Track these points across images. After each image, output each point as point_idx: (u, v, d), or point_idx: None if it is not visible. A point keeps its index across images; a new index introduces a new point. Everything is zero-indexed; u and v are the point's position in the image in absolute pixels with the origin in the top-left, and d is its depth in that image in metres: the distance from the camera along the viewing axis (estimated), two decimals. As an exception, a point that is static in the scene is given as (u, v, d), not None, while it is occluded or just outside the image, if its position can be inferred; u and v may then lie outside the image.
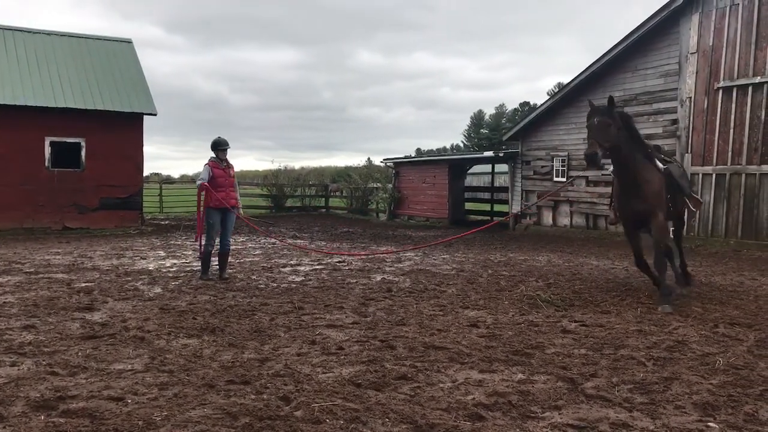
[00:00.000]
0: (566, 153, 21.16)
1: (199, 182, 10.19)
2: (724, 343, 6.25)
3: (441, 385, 4.87)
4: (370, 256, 7.84)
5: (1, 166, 18.97)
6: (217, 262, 10.34)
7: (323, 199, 33.85)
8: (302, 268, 11.56)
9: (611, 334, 6.60)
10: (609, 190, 19.46)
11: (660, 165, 8.35)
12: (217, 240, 10.22)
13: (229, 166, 10.23)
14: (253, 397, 4.51)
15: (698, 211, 10.50)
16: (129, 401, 4.38)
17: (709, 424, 4.18)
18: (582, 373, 5.20)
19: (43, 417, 4.08)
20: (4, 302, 7.91)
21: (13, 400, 4.37)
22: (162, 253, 13.90)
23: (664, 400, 4.59)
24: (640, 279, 10.47)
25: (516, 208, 23.26)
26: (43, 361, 5.35)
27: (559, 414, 4.31)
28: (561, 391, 4.75)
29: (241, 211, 10.60)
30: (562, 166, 21.33)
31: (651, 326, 6.96)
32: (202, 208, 10.01)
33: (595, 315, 7.58)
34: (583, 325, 6.98)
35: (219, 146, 10.15)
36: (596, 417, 4.26)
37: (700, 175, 16.96)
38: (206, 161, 10.23)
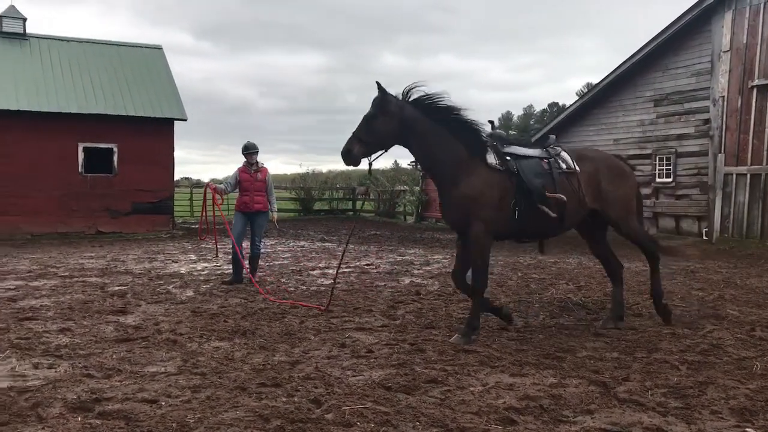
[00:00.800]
0: (596, 154, 20.93)
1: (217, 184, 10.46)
2: (761, 347, 6.14)
3: (471, 388, 4.86)
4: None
5: (36, 172, 19.34)
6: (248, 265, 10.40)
7: (351, 202, 33.93)
8: (331, 272, 11.60)
9: (644, 337, 6.52)
10: (641, 191, 19.26)
11: (493, 161, 6.46)
12: (246, 243, 10.30)
13: (259, 170, 10.29)
14: (284, 399, 4.54)
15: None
16: (163, 403, 4.44)
17: (747, 429, 4.10)
18: (614, 377, 5.14)
19: (80, 418, 4.16)
20: (41, 305, 8.07)
21: (51, 401, 4.46)
22: (193, 257, 14.06)
23: (700, 404, 4.52)
24: (673, 282, 10.32)
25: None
26: (79, 363, 5.44)
27: (592, 418, 4.27)
28: (593, 395, 4.70)
29: (275, 215, 10.64)
30: (592, 167, 21.09)
31: (684, 329, 6.85)
32: (212, 210, 10.18)
33: (627, 318, 7.48)
34: (614, 329, 6.89)
35: (246, 150, 10.26)
36: (629, 421, 4.21)
37: (734, 176, 16.67)
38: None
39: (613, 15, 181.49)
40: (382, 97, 6.38)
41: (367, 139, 6.35)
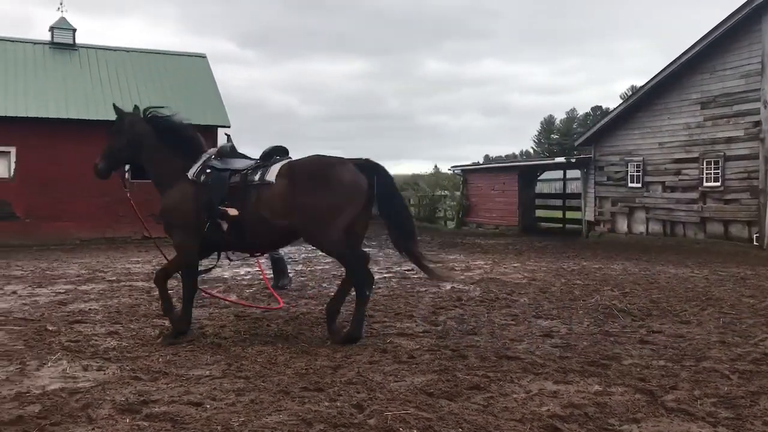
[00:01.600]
0: (641, 158, 20.58)
1: None
2: (815, 356, 5.93)
3: (514, 395, 4.81)
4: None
5: (84, 178, 19.81)
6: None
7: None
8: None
9: (692, 345, 6.36)
10: (688, 195, 18.85)
11: (192, 174, 6.65)
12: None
13: None
14: (326, 404, 4.56)
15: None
16: (208, 406, 4.51)
17: (801, 441, 3.97)
18: (661, 386, 5.03)
19: (128, 420, 4.25)
20: (90, 309, 8.28)
21: (100, 402, 4.56)
22: (237, 261, 14.23)
23: (752, 415, 4.39)
24: (722, 288, 10.07)
25: (589, 214, 22.75)
26: (127, 366, 5.56)
27: (638, 427, 4.19)
28: (639, 404, 4.60)
29: None
30: (637, 171, 20.75)
31: (735, 337, 6.67)
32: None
33: (675, 325, 7.32)
34: (661, 336, 6.76)
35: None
36: (678, 431, 4.11)
37: (786, 180, 16.18)
38: None
39: (659, 17, 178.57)
40: (118, 117, 7.13)
41: (106, 154, 7.14)
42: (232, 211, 6.32)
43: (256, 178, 6.48)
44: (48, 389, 4.89)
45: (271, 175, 6.42)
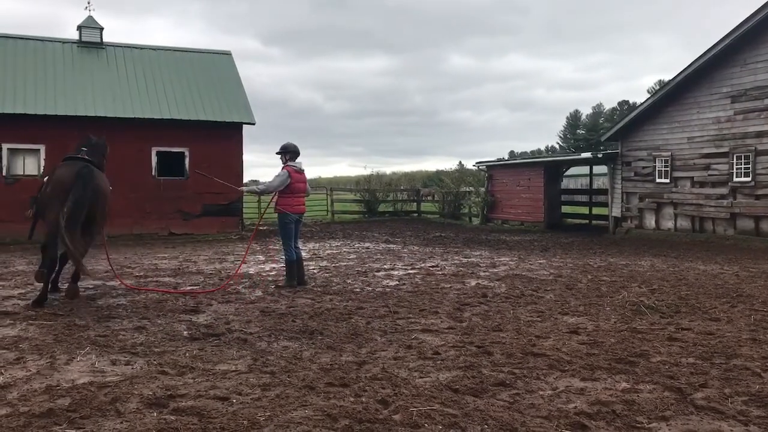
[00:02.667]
0: (669, 153, 20.29)
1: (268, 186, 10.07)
2: None
3: (541, 392, 4.77)
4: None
5: (112, 175, 20.02)
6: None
7: (415, 203, 33.92)
8: (396, 273, 11.62)
9: (722, 342, 6.26)
10: (717, 191, 18.55)
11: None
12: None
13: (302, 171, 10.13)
14: (351, 399, 4.57)
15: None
16: (234, 401, 4.54)
17: (836, 441, 3.88)
18: (691, 383, 4.95)
19: (155, 414, 4.29)
20: (118, 304, 8.38)
21: (128, 397, 4.61)
22: (261, 258, 14.33)
23: (784, 414, 4.30)
24: (753, 285, 9.89)
25: (616, 210, 22.50)
26: (154, 360, 5.62)
27: (667, 425, 4.13)
28: (668, 402, 4.54)
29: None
30: (665, 166, 20.45)
31: (766, 335, 6.55)
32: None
33: (704, 322, 7.21)
34: (691, 333, 6.65)
35: (292, 151, 10.05)
36: (708, 429, 4.05)
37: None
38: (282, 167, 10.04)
39: (687, 11, 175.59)
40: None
41: None
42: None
43: None
44: (77, 383, 4.95)
45: None
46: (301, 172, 10.05)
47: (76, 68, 21.54)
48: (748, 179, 17.77)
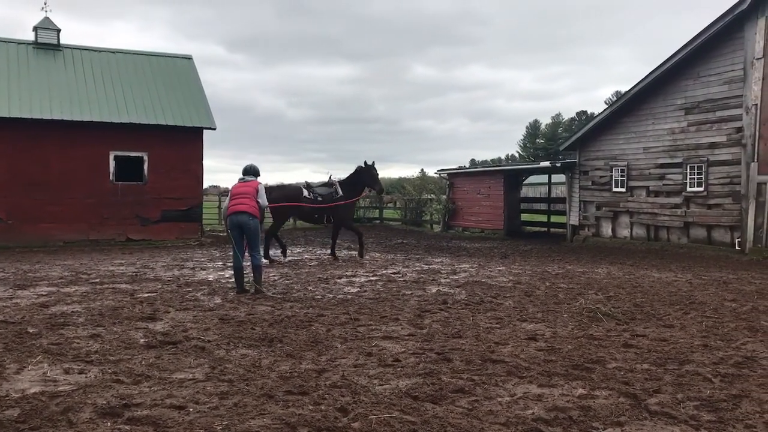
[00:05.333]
0: (626, 163, 20.72)
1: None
2: (796, 360, 5.98)
3: (499, 399, 4.81)
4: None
5: (68, 179, 19.69)
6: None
7: (377, 210, 33.98)
8: (358, 279, 11.61)
9: (675, 348, 6.40)
10: (672, 200, 18.99)
11: None
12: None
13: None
14: (311, 407, 4.54)
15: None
16: (191, 410, 4.47)
17: (783, 444, 3.99)
18: (645, 389, 5.05)
19: (109, 424, 4.20)
20: (72, 311, 8.19)
21: (81, 406, 4.51)
22: (221, 264, 14.17)
23: (734, 418, 4.42)
24: (705, 292, 10.15)
25: (574, 219, 22.86)
26: (109, 369, 5.50)
27: (622, 430, 4.20)
28: (623, 407, 4.62)
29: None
30: (622, 176, 20.88)
31: (717, 341, 6.72)
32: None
33: (658, 329, 7.36)
34: (645, 339, 6.79)
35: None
36: (661, 435, 4.13)
37: (768, 185, 16.34)
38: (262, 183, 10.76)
39: (643, 25, 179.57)
40: None
41: None
42: None
43: None
44: (27, 393, 4.82)
45: None
46: (245, 182, 10.57)
47: (32, 70, 21.01)
48: (701, 189, 18.25)
